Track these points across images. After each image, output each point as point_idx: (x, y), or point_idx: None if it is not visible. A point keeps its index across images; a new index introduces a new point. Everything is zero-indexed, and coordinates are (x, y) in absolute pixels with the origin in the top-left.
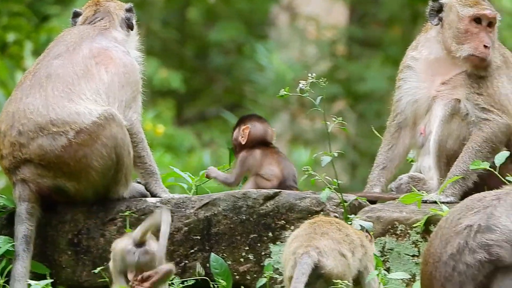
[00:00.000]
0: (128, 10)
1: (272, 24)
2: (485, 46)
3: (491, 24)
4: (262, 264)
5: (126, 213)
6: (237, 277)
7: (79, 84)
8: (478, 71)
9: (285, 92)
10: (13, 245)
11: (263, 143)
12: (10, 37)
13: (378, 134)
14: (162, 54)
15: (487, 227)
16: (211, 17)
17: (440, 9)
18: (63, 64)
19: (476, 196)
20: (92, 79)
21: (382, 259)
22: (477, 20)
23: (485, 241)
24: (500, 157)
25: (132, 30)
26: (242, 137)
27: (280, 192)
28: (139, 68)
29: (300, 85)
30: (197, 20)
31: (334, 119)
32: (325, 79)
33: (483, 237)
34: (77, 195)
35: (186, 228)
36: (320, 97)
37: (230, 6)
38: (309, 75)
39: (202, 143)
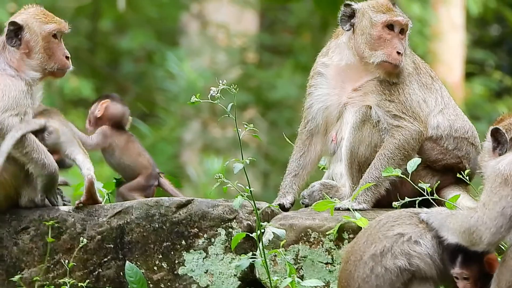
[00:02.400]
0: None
1: (183, 32)
2: (398, 53)
3: (402, 31)
4: (175, 272)
5: (48, 222)
6: (151, 285)
7: None
8: (391, 77)
9: (196, 99)
10: None
11: (118, 125)
12: None
13: (290, 141)
14: (73, 63)
15: (416, 241)
16: (121, 25)
17: (352, 15)
18: None
19: (416, 210)
20: None
21: (295, 266)
22: (389, 26)
23: (409, 251)
24: (412, 164)
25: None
26: (99, 110)
27: (192, 200)
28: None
29: (211, 92)
30: (108, 28)
31: (245, 126)
32: (236, 86)
33: (409, 247)
34: None
35: (99, 236)
36: (231, 104)
37: (140, 14)
38: (220, 82)
39: None
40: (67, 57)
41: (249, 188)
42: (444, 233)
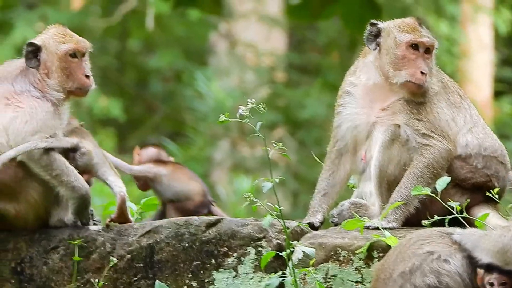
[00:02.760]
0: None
1: (211, 51)
2: (422, 73)
3: (428, 50)
4: None
5: (75, 242)
6: None
7: None
8: (415, 97)
9: (225, 118)
10: None
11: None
12: None
13: (319, 160)
14: (101, 83)
15: (446, 259)
16: (150, 44)
17: (378, 34)
18: None
19: (447, 230)
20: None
21: (325, 285)
22: (414, 46)
23: (438, 269)
24: (442, 183)
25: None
26: (136, 162)
27: (222, 219)
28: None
29: (240, 111)
30: (136, 48)
31: (274, 145)
32: (265, 105)
33: (438, 265)
34: (18, 219)
35: (129, 255)
36: (260, 123)
37: (168, 33)
38: (249, 101)
39: None
40: (87, 76)
41: (279, 207)
42: (477, 254)
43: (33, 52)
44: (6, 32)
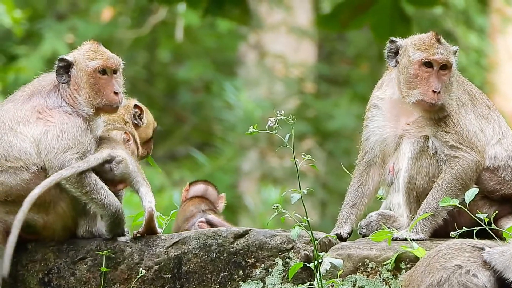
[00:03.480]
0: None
1: (241, 62)
2: (434, 91)
3: (445, 67)
4: None
5: (103, 253)
6: None
7: (19, 127)
8: (431, 115)
9: (254, 129)
10: None
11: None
12: None
13: (348, 171)
14: (130, 93)
15: (474, 274)
16: (179, 55)
17: (397, 51)
18: (10, 109)
19: (477, 243)
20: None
21: None
22: (427, 64)
23: (466, 282)
24: (470, 194)
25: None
26: (184, 196)
27: (250, 230)
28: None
29: (269, 123)
30: (165, 59)
31: (303, 156)
32: (294, 116)
33: (467, 279)
34: (46, 229)
35: (156, 266)
36: (289, 134)
37: (197, 45)
38: (278, 112)
39: (172, 182)
40: (116, 93)
41: (307, 218)
42: (509, 275)
43: (65, 68)
44: (35, 44)
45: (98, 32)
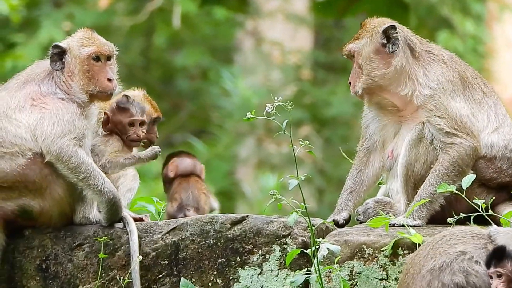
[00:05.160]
0: None
1: (237, 49)
2: None
3: (350, 55)
4: None
5: (102, 239)
6: None
7: (14, 113)
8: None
9: (252, 115)
10: None
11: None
12: None
13: (346, 157)
14: (127, 80)
15: (477, 261)
16: (176, 42)
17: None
18: (4, 96)
19: (482, 230)
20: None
21: (350, 283)
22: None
23: (468, 268)
24: (467, 180)
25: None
26: (171, 171)
27: (247, 216)
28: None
29: (267, 109)
30: (162, 46)
31: (301, 143)
32: (291, 103)
33: (468, 265)
34: (42, 215)
35: (154, 253)
36: (286, 120)
37: (194, 32)
38: (276, 98)
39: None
40: (109, 80)
41: (304, 204)
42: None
43: (58, 54)
44: (32, 31)
45: (95, 20)
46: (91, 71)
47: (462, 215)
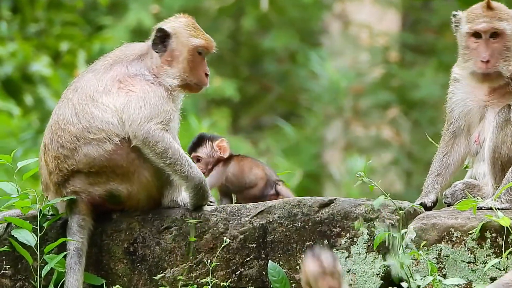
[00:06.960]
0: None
1: (325, 32)
2: (482, 61)
3: (495, 34)
4: None
5: (192, 220)
6: (293, 285)
7: (101, 97)
8: (493, 84)
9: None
10: (65, 257)
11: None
12: (64, 46)
13: (433, 141)
14: (215, 63)
15: None
16: (264, 25)
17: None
18: (91, 79)
19: None
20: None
21: (437, 266)
22: (476, 35)
23: None
24: None
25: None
26: (222, 150)
27: (335, 199)
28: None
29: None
30: (251, 29)
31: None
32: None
33: None
34: (130, 199)
35: (241, 236)
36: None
37: (283, 15)
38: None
39: (258, 151)
40: (206, 75)
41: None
42: None
43: (161, 38)
44: (120, 14)
45: (184, 2)
46: (194, 61)
47: None
